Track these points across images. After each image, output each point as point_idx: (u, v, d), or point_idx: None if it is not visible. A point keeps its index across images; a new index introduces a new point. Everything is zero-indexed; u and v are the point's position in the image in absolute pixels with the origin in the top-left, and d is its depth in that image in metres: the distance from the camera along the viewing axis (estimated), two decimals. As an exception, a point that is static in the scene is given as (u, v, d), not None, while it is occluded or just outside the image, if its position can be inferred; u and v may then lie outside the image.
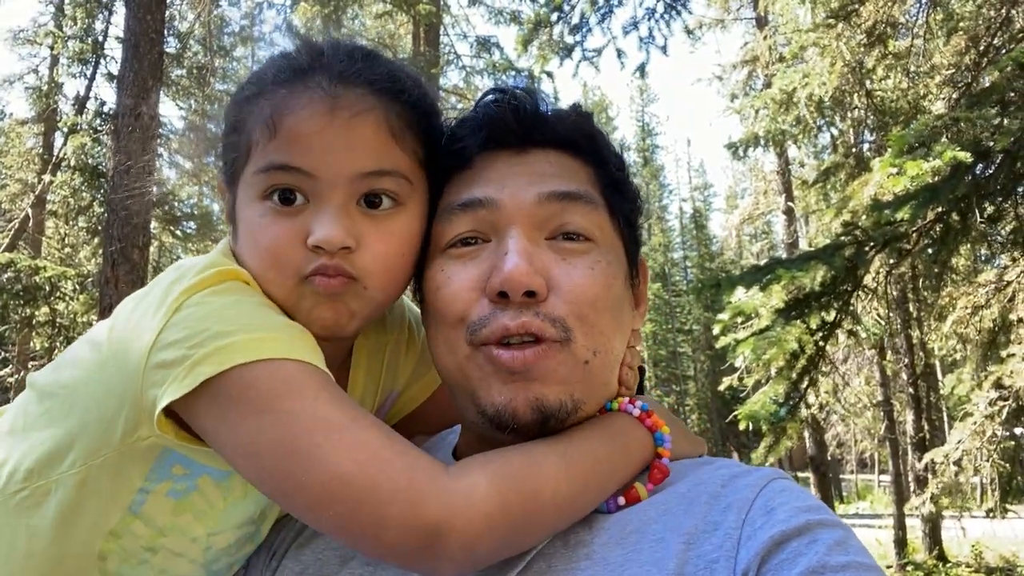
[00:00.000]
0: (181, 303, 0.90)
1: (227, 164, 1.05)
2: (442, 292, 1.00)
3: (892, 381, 16.47)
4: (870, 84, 9.31)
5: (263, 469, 0.85)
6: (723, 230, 44.77)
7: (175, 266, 1.00)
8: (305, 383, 0.87)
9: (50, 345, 15.30)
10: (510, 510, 0.85)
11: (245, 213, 1.00)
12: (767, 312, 6.02)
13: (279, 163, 0.96)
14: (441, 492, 0.82)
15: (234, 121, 1.03)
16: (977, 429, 7.66)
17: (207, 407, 0.87)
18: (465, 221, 1.01)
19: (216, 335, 0.87)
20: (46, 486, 0.96)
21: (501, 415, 0.94)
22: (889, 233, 5.54)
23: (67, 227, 17.54)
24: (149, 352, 0.88)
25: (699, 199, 50.84)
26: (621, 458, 0.97)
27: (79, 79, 16.22)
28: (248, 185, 1.00)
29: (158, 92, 9.19)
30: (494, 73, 15.40)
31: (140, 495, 0.98)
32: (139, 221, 8.34)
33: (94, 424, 0.94)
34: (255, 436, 0.84)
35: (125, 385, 0.91)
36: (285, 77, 1.00)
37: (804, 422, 6.92)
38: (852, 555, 0.82)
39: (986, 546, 13.99)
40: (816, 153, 18.50)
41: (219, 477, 1.01)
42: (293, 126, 0.96)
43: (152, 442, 0.93)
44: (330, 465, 0.81)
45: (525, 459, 0.89)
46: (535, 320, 0.94)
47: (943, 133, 4.86)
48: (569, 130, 1.07)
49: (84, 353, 1.01)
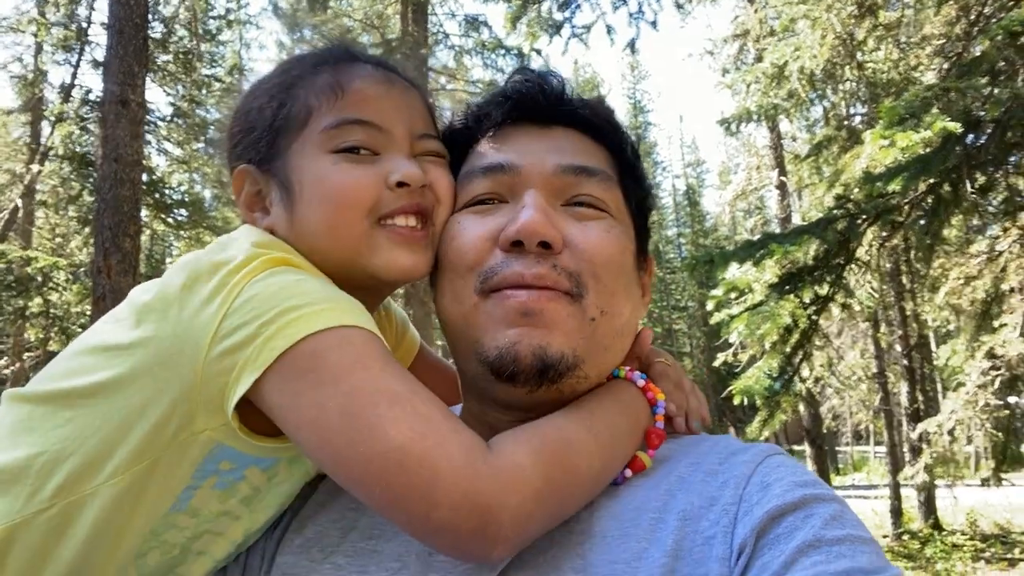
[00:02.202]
0: (240, 290, 0.90)
1: (262, 141, 1.07)
2: (456, 242, 1.03)
3: (886, 353, 16.56)
4: (861, 56, 9.27)
5: (326, 439, 0.84)
6: (717, 206, 44.74)
7: (197, 260, 0.96)
8: (371, 353, 0.88)
9: (44, 336, 15.27)
10: (556, 486, 0.86)
11: (312, 168, 1.02)
12: (760, 287, 6.04)
13: (353, 118, 1.03)
14: (494, 472, 0.82)
15: (276, 97, 1.07)
16: (970, 399, 7.73)
17: (278, 382, 0.87)
18: (485, 183, 1.05)
19: (283, 311, 0.88)
20: (79, 500, 0.93)
21: (503, 357, 0.95)
22: (881, 205, 5.55)
23: (57, 217, 17.46)
24: (211, 343, 0.88)
25: (692, 176, 50.75)
26: (633, 425, 1.00)
27: (64, 67, 16.10)
28: (313, 144, 1.03)
29: (144, 78, 9.09)
30: (483, 52, 15.29)
31: (186, 492, 0.98)
32: (129, 209, 8.27)
33: (138, 428, 0.92)
34: (323, 405, 0.84)
35: (180, 381, 0.90)
36: (337, 57, 1.10)
37: (799, 396, 6.97)
38: (847, 529, 0.83)
39: (980, 514, 14.18)
40: (808, 127, 18.47)
41: (266, 465, 1.01)
42: (361, 88, 1.05)
43: (207, 436, 0.93)
44: (391, 434, 0.81)
45: (558, 434, 0.90)
46: (551, 272, 0.97)
47: (934, 104, 4.84)
48: (592, 114, 1.11)
49: (105, 359, 0.96)
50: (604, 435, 0.93)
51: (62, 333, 15.06)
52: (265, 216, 1.07)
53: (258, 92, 1.11)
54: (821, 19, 8.15)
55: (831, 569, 0.77)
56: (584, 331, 0.98)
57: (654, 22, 8.85)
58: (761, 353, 6.72)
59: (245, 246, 0.97)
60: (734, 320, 5.93)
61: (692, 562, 0.85)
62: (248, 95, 1.13)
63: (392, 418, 0.82)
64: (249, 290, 0.90)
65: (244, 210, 1.09)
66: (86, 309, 13.74)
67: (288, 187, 1.04)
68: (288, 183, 1.04)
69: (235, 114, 1.13)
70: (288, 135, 1.05)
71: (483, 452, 0.83)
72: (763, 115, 10.51)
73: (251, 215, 1.09)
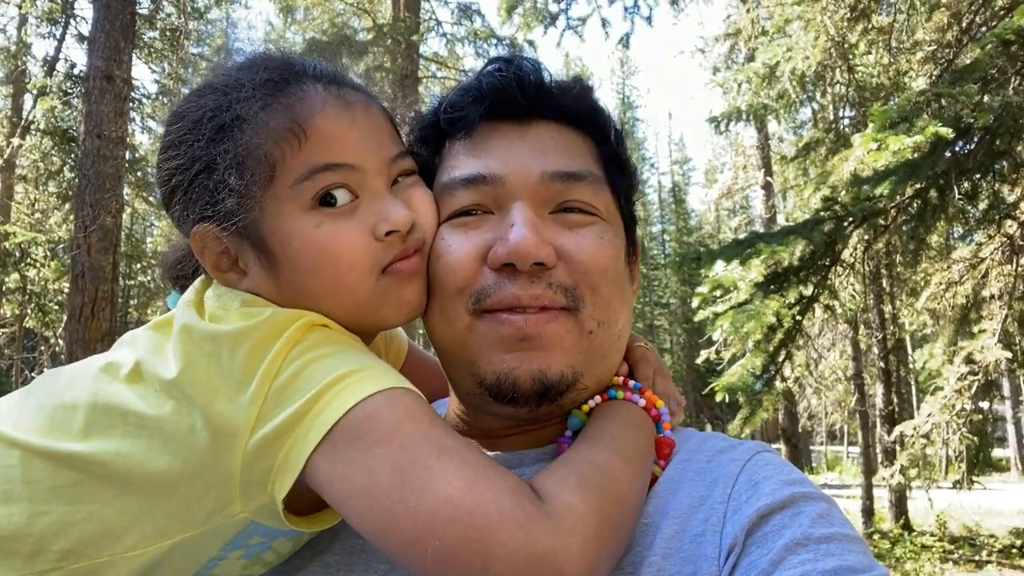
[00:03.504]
0: (279, 368, 0.85)
1: (220, 201, 0.93)
2: (442, 261, 0.98)
3: (864, 355, 16.74)
4: (852, 59, 9.31)
5: (377, 502, 0.79)
6: (702, 204, 45.01)
7: (214, 332, 0.89)
8: (417, 410, 0.85)
9: (20, 312, 15.05)
10: (611, 519, 0.82)
11: (295, 232, 0.93)
12: (746, 286, 6.07)
13: (324, 163, 0.93)
14: (546, 516, 0.78)
15: (221, 143, 0.93)
16: (947, 403, 7.83)
17: (329, 454, 0.82)
18: (467, 195, 1.00)
19: (329, 384, 0.83)
20: (91, 567, 0.87)
21: (502, 383, 0.93)
22: (868, 209, 5.59)
23: (37, 192, 17.18)
24: (253, 428, 0.83)
25: (679, 173, 50.90)
26: (650, 443, 0.98)
27: (48, 40, 15.79)
28: (286, 202, 0.93)
29: (130, 54, 8.95)
30: (475, 41, 15.23)
31: (212, 563, 0.94)
32: (112, 187, 8.16)
33: (164, 507, 0.87)
34: (374, 468, 0.80)
35: (217, 468, 0.85)
36: (279, 79, 0.96)
37: (779, 395, 7.03)
38: (835, 527, 0.83)
39: (950, 516, 14.40)
40: (795, 128, 18.57)
41: (293, 535, 0.98)
42: (323, 125, 0.94)
43: (242, 518, 0.88)
44: (440, 487, 0.78)
45: (595, 466, 0.86)
46: (547, 292, 0.94)
47: (925, 109, 4.88)
48: (572, 103, 1.05)
49: (115, 424, 0.88)
50: (633, 457, 0.92)
51: (39, 310, 14.86)
52: (243, 278, 0.98)
53: (190, 134, 0.95)
54: (815, 21, 8.18)
55: (819, 567, 0.77)
56: (582, 345, 0.96)
57: (649, 17, 8.83)
58: (743, 352, 6.77)
59: (252, 310, 0.91)
60: (719, 318, 5.96)
61: (680, 560, 0.85)
62: (173, 139, 0.97)
63: (440, 468, 0.79)
64: (290, 367, 0.85)
65: (214, 271, 0.98)
66: (64, 286, 13.55)
67: (266, 251, 0.95)
68: (265, 247, 0.94)
69: (167, 154, 0.98)
70: (251, 193, 0.93)
71: (531, 497, 0.80)
72: (753, 115, 10.55)
73: (225, 276, 0.98)
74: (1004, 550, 12.76)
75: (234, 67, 1.00)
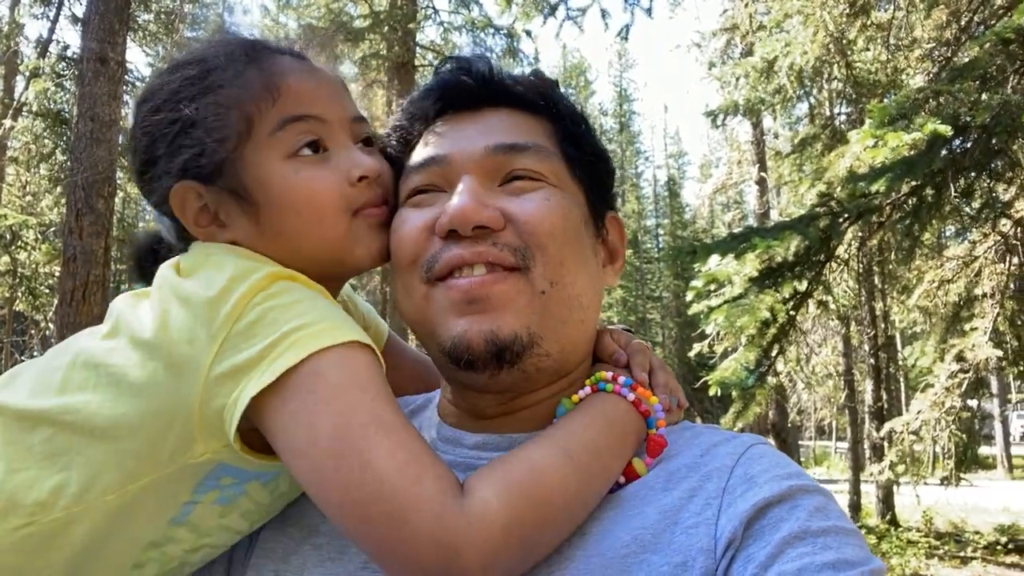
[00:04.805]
0: (241, 311, 0.88)
1: (202, 156, 1.01)
2: (396, 235, 1.04)
3: (855, 351, 16.82)
4: (850, 55, 9.31)
5: (315, 464, 0.84)
6: (696, 198, 44.99)
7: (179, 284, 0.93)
8: (369, 376, 0.88)
9: (11, 295, 14.96)
10: (525, 520, 0.84)
11: (275, 178, 1.01)
12: (741, 280, 6.08)
13: (297, 114, 1.02)
14: (461, 510, 0.81)
15: (201, 107, 1.02)
16: (937, 400, 7.88)
17: (279, 403, 0.86)
18: (420, 177, 1.05)
19: (290, 331, 0.87)
20: (66, 517, 0.90)
21: (457, 347, 0.95)
22: (863, 205, 5.60)
23: (28, 174, 17.04)
24: (211, 365, 0.87)
25: (674, 167, 50.99)
26: (620, 443, 0.96)
27: (41, 20, 15.64)
28: (264, 151, 1.02)
29: (125, 37, 8.87)
30: (473, 30, 15.14)
31: (186, 507, 0.96)
32: (104, 170, 8.09)
33: (131, 450, 0.90)
34: (317, 427, 0.84)
35: (176, 404, 0.88)
36: (251, 53, 1.07)
37: (772, 389, 7.06)
38: (832, 520, 0.84)
39: (937, 512, 14.51)
40: (791, 124, 18.57)
41: (267, 479, 1.00)
42: (295, 84, 1.04)
43: (207, 458, 0.91)
44: (376, 463, 0.81)
45: (527, 465, 0.88)
46: (492, 249, 0.96)
47: (923, 106, 4.88)
48: (524, 90, 1.09)
49: (89, 377, 0.92)
50: (582, 456, 0.90)
51: (29, 293, 14.78)
52: (223, 230, 1.04)
53: (169, 101, 1.03)
54: (814, 16, 8.17)
55: (817, 560, 0.78)
56: (535, 306, 0.96)
57: (649, 9, 8.81)
58: (735, 346, 6.79)
59: (224, 258, 0.97)
60: (713, 312, 5.97)
61: (672, 551, 0.85)
62: (152, 105, 1.05)
63: (377, 444, 0.82)
64: (252, 312, 0.88)
65: (194, 227, 1.04)
66: (55, 270, 13.48)
67: (247, 198, 1.02)
68: (247, 194, 1.02)
69: (144, 127, 1.05)
70: (230, 145, 1.01)
71: (455, 491, 0.83)
72: (749, 109, 10.53)
73: (205, 230, 1.04)
74: (989, 546, 12.88)
75: (204, 45, 1.10)
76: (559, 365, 1.01)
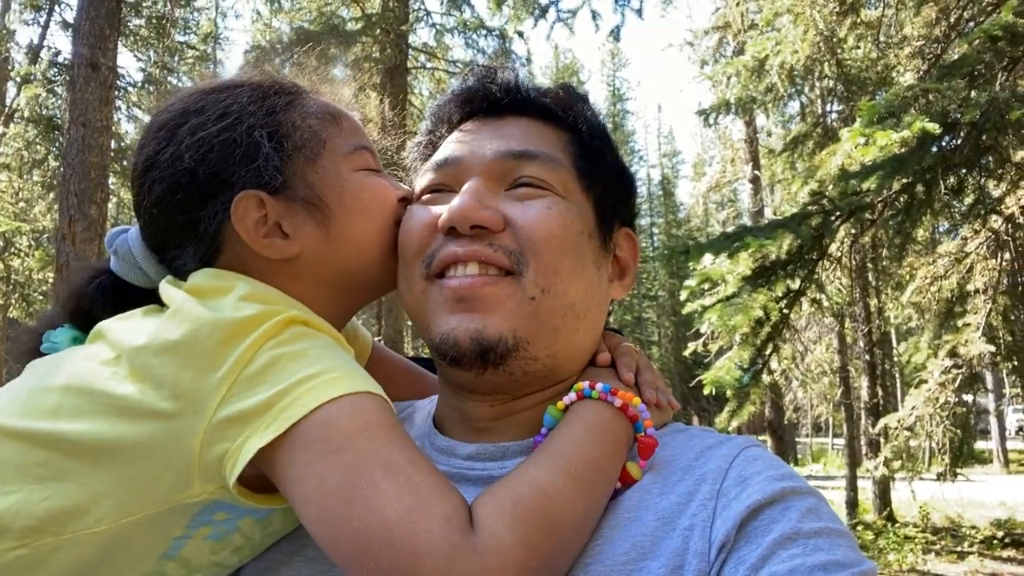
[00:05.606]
0: (251, 357, 0.88)
1: (268, 167, 1.04)
2: (404, 229, 1.08)
3: (849, 348, 16.84)
4: (840, 53, 9.34)
5: (322, 511, 0.83)
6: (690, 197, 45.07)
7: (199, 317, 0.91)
8: (377, 420, 0.88)
9: (4, 302, 14.92)
10: (540, 550, 0.83)
11: (349, 184, 1.09)
12: (734, 279, 6.10)
13: (361, 144, 1.13)
14: (472, 549, 0.79)
15: (260, 124, 1.06)
16: (931, 396, 7.90)
17: (289, 453, 0.85)
18: (434, 176, 1.09)
19: (296, 383, 0.87)
20: (55, 543, 0.88)
21: (445, 343, 0.97)
22: (855, 203, 5.62)
23: (21, 181, 16.98)
24: (216, 408, 0.86)
25: (668, 166, 51.04)
26: (615, 451, 0.96)
27: (32, 26, 15.61)
28: (342, 163, 1.10)
29: (116, 42, 8.85)
30: (465, 32, 15.14)
31: (178, 541, 0.96)
32: (97, 176, 8.08)
33: (127, 483, 0.88)
34: (324, 476, 0.83)
35: (176, 443, 0.87)
36: (295, 86, 1.15)
37: (766, 388, 7.07)
38: (824, 522, 0.84)
39: (933, 507, 14.55)
40: (783, 122, 18.60)
41: (261, 515, 0.99)
42: (348, 116, 1.16)
43: (203, 499, 0.90)
44: (380, 509, 0.80)
45: (534, 490, 0.86)
46: (487, 249, 0.98)
47: (912, 104, 4.90)
48: (547, 101, 1.11)
49: (84, 404, 0.90)
50: (584, 473, 0.90)
51: (23, 300, 14.73)
52: (286, 241, 1.04)
53: (226, 116, 1.04)
54: (804, 15, 8.19)
55: (808, 562, 0.78)
56: (524, 310, 0.97)
57: (639, 10, 8.83)
58: (730, 345, 6.80)
59: (243, 295, 0.95)
60: (707, 311, 5.98)
61: (668, 556, 0.85)
62: (201, 121, 1.04)
63: (385, 490, 0.81)
64: (262, 357, 0.88)
65: (251, 237, 1.03)
66: (48, 276, 13.44)
67: (320, 205, 1.06)
68: (320, 201, 1.06)
69: (200, 142, 1.03)
70: (301, 158, 1.06)
71: (465, 529, 0.81)
72: (741, 108, 10.55)
73: (264, 242, 1.03)
74: (985, 541, 12.91)
75: (240, 73, 1.18)
76: (549, 371, 1.01)
